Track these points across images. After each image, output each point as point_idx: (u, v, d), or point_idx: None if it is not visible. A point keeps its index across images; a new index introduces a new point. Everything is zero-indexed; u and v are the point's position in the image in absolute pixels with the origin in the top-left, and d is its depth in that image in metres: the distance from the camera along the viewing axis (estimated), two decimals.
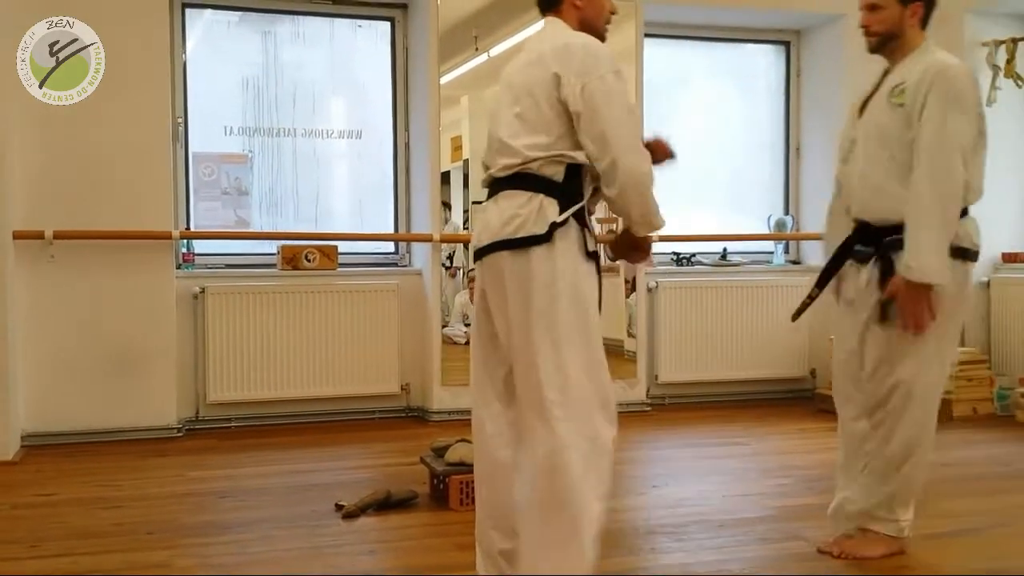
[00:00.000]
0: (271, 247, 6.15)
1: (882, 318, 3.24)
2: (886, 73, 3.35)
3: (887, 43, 3.29)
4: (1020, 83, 6.56)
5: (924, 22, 3.30)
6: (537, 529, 2.71)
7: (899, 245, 3.15)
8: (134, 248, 5.53)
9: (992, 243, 6.70)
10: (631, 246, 2.99)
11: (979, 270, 6.61)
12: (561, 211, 2.75)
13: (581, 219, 2.80)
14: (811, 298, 3.41)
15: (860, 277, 3.34)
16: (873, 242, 3.29)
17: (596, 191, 2.86)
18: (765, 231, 7.17)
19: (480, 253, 2.88)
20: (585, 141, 2.75)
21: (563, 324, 2.73)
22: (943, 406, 3.44)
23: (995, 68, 6.51)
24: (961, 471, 4.59)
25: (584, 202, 2.82)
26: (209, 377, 5.76)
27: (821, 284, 3.44)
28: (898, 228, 3.15)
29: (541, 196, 2.76)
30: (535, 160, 2.77)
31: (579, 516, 2.67)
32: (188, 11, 6.03)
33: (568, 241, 2.76)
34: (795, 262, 7.25)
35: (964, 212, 3.19)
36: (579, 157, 2.77)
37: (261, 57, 6.25)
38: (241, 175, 6.16)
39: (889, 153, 3.21)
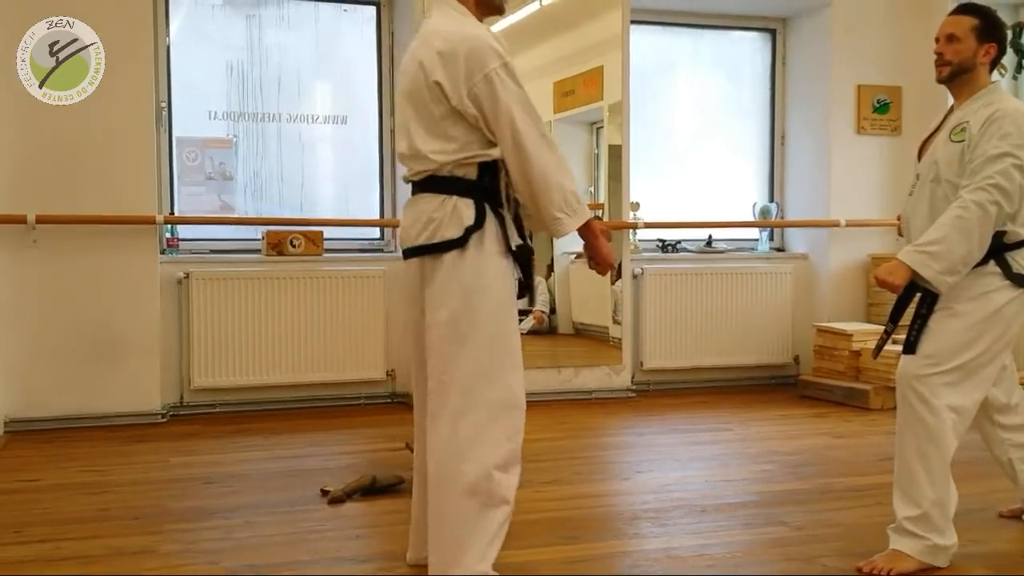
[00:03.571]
0: (256, 232, 6.13)
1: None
2: (950, 112, 3.40)
3: (957, 75, 3.34)
4: (1003, 72, 6.58)
5: (992, 65, 3.38)
6: (435, 539, 2.79)
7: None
8: (118, 233, 5.51)
9: None
10: (586, 253, 2.92)
11: None
12: (477, 210, 2.75)
13: (500, 214, 2.80)
14: (887, 334, 3.39)
15: None
16: None
17: None
18: (750, 218, 7.19)
19: (404, 255, 2.92)
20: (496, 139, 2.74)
21: (475, 332, 2.75)
22: None
23: None
24: None
25: (503, 198, 2.81)
26: (193, 362, 5.75)
27: (894, 319, 3.42)
28: None
29: (455, 198, 2.76)
30: (446, 165, 2.76)
31: (470, 526, 2.74)
32: None
33: (485, 242, 2.77)
34: (779, 249, 7.27)
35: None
36: (493, 153, 2.75)
37: (245, 41, 6.22)
38: (225, 160, 6.14)
39: (943, 190, 3.25)
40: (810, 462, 4.70)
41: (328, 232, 6.18)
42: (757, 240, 7.23)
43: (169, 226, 5.89)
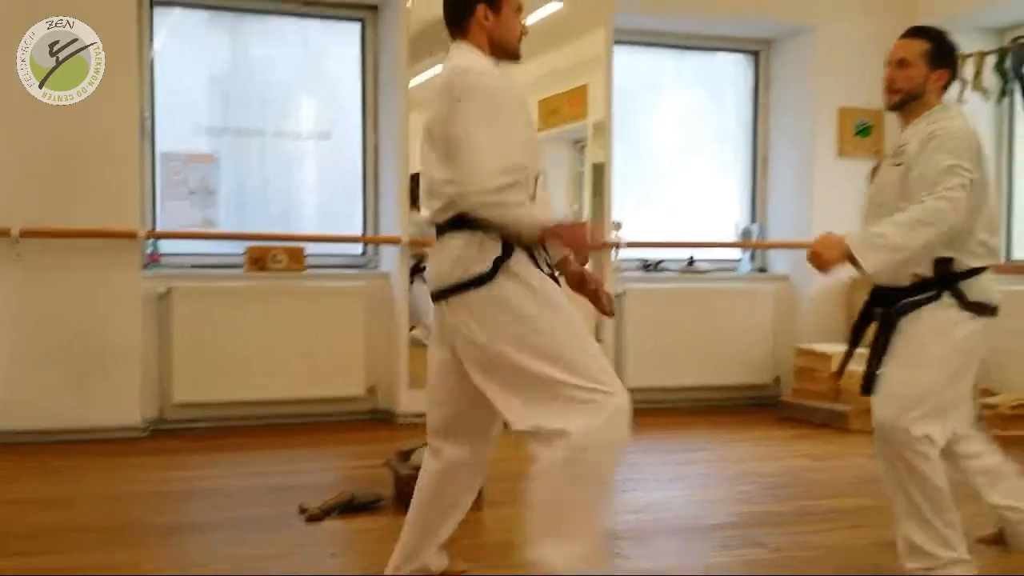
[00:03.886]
0: (238, 248, 6.11)
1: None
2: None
3: (908, 102, 3.27)
4: (988, 97, 6.64)
5: (944, 88, 3.30)
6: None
7: (908, 309, 3.16)
8: (100, 247, 5.49)
9: None
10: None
11: None
12: (504, 244, 2.77)
13: (528, 247, 2.81)
14: (847, 356, 3.40)
15: None
16: (888, 303, 3.24)
17: None
18: (732, 239, 7.22)
19: (434, 297, 2.92)
20: None
21: (535, 354, 2.75)
22: None
23: (963, 81, 6.57)
24: None
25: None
26: (175, 378, 5.73)
27: (853, 343, 3.41)
28: (908, 291, 3.16)
29: (480, 233, 2.77)
30: (458, 202, 2.78)
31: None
32: (157, 9, 5.99)
33: (518, 270, 2.78)
34: (761, 270, 7.31)
35: (980, 270, 3.17)
36: None
37: (230, 57, 6.23)
38: (208, 175, 6.13)
39: (888, 215, 3.13)
40: (789, 484, 4.71)
41: (310, 248, 6.18)
42: (739, 260, 7.26)
43: (151, 241, 5.88)
